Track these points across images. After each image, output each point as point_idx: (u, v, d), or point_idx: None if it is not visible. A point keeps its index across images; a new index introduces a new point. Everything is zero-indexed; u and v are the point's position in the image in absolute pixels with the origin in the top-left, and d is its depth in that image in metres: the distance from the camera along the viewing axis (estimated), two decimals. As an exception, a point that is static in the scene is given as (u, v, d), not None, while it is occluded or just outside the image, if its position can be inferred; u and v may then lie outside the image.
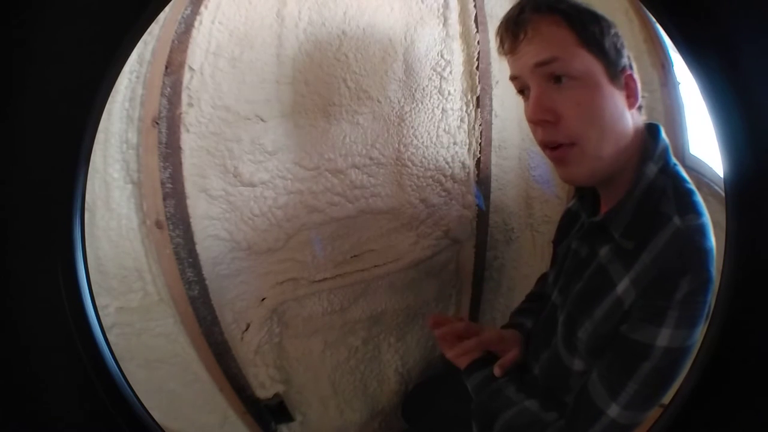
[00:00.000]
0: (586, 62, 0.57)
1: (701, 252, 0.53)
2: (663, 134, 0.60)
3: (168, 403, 0.82)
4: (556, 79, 0.58)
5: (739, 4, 0.37)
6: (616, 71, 0.58)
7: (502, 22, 0.62)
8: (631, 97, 0.59)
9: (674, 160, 0.60)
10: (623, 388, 0.56)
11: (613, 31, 0.58)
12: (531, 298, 0.82)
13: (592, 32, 0.57)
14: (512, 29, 0.60)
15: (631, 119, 0.59)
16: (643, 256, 0.55)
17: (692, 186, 0.58)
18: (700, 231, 0.54)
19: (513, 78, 0.63)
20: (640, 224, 0.57)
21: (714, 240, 0.54)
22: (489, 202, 0.92)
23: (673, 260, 0.54)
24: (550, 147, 0.60)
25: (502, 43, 0.63)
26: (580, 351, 0.62)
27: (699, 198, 0.57)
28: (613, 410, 0.57)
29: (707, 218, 0.55)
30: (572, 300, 0.64)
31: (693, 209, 0.55)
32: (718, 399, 0.41)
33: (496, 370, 0.70)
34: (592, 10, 0.58)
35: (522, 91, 0.63)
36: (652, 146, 0.59)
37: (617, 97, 0.58)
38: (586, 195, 0.69)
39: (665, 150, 0.60)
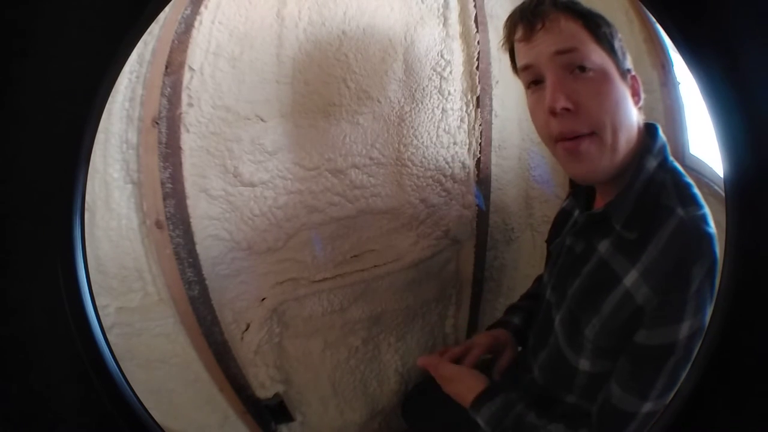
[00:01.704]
0: (602, 57, 0.59)
1: (706, 237, 0.54)
2: (661, 132, 0.62)
3: (168, 403, 0.82)
4: (573, 69, 0.59)
5: (738, 4, 0.37)
6: (623, 70, 0.60)
7: (516, 11, 0.63)
8: (635, 96, 0.61)
9: (671, 157, 0.61)
10: (653, 386, 0.56)
11: (619, 36, 0.60)
12: (525, 297, 0.83)
13: (604, 32, 0.59)
14: (529, 18, 0.61)
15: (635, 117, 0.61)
16: (650, 248, 0.56)
17: (690, 180, 0.59)
18: (703, 219, 0.55)
19: (526, 67, 0.62)
20: (642, 215, 0.58)
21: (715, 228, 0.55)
22: (489, 202, 0.92)
23: (682, 249, 0.55)
24: (567, 138, 0.59)
25: (513, 31, 0.63)
26: (586, 350, 0.62)
27: (697, 191, 0.58)
28: (647, 407, 0.57)
29: (707, 209, 0.56)
30: (573, 297, 0.64)
31: (694, 201, 0.57)
32: (719, 399, 0.41)
33: (495, 375, 0.71)
34: (603, 14, 0.60)
35: (533, 82, 0.62)
36: (651, 142, 0.61)
37: (627, 93, 0.60)
38: (579, 192, 0.69)
39: (663, 147, 0.61)
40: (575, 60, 0.58)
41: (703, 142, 0.66)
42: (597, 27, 0.59)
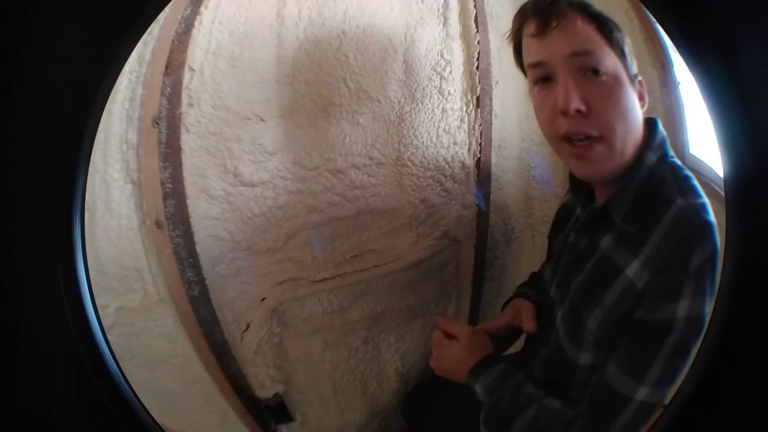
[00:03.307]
0: (615, 62, 0.59)
1: (706, 225, 0.55)
2: (660, 127, 0.62)
3: (168, 403, 0.82)
4: (587, 71, 0.59)
5: (738, 4, 0.37)
6: (632, 76, 0.60)
7: (527, 7, 0.62)
8: (641, 100, 0.61)
9: (671, 151, 0.62)
10: (650, 368, 0.56)
11: (628, 41, 0.60)
12: (524, 284, 0.83)
13: (617, 37, 0.59)
14: (544, 13, 0.60)
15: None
16: (652, 238, 0.57)
17: (690, 172, 0.60)
18: (703, 208, 0.56)
19: (537, 64, 0.62)
20: (642, 209, 0.59)
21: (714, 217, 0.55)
22: (489, 202, 0.92)
23: (682, 235, 0.56)
24: (575, 140, 0.59)
25: (523, 24, 0.63)
26: (587, 344, 0.62)
27: (697, 182, 0.58)
28: (642, 392, 0.57)
29: (707, 199, 0.57)
30: (576, 293, 0.64)
31: (693, 191, 0.57)
32: (718, 399, 0.41)
33: (531, 326, 0.71)
34: (614, 19, 0.60)
35: (541, 79, 0.62)
36: (650, 137, 0.61)
37: (636, 99, 0.60)
38: (580, 189, 0.69)
39: (663, 141, 0.61)
40: (590, 62, 0.58)
41: (703, 142, 0.66)
42: (610, 31, 0.59)
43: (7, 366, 0.42)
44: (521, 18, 0.63)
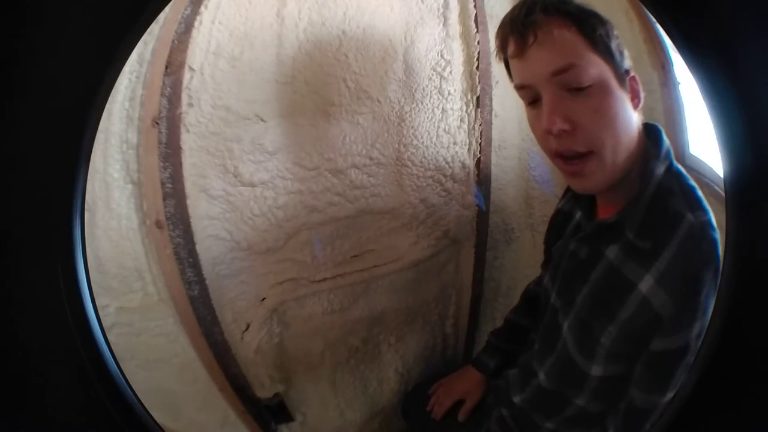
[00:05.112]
0: (600, 68, 0.56)
1: (714, 243, 0.55)
2: (665, 136, 0.61)
3: (168, 403, 0.82)
4: (571, 87, 0.56)
5: (739, 4, 0.37)
6: (622, 74, 0.57)
7: (505, 23, 0.60)
8: (635, 99, 0.58)
9: (675, 160, 0.61)
10: (672, 381, 0.57)
11: (615, 33, 0.57)
12: (508, 334, 0.85)
13: (600, 35, 0.56)
14: (519, 30, 0.57)
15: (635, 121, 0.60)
16: (664, 254, 0.56)
17: (693, 182, 0.59)
18: (710, 225, 0.56)
19: (522, 87, 0.60)
20: (653, 223, 0.58)
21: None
22: (489, 202, 0.92)
23: (694, 255, 0.55)
24: (565, 157, 0.58)
25: (504, 45, 0.60)
26: (599, 356, 0.61)
27: (700, 193, 0.58)
28: (668, 396, 0.58)
29: (711, 213, 0.56)
30: (583, 305, 0.63)
31: (700, 206, 0.57)
32: (718, 399, 0.41)
33: (460, 417, 0.82)
34: (597, 12, 0.57)
35: (532, 101, 0.60)
36: (656, 147, 0.60)
37: (626, 101, 0.58)
38: (581, 195, 0.69)
39: (668, 151, 0.60)
40: (572, 78, 0.56)
41: (703, 142, 0.66)
42: (592, 31, 0.56)
43: (6, 366, 0.42)
44: (501, 38, 0.61)
